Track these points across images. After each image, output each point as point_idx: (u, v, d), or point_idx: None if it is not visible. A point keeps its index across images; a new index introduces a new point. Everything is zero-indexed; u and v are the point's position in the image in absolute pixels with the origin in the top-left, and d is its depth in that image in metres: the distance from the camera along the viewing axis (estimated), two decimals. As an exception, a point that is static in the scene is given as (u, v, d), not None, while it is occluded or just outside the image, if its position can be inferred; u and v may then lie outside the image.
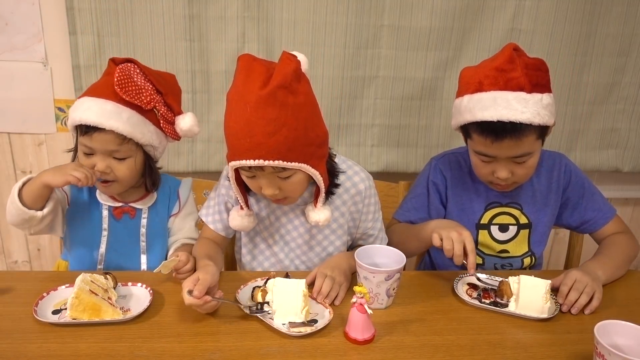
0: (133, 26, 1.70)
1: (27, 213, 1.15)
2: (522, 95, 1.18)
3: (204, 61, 1.77)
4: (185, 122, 1.25)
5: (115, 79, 1.15)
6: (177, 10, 1.69)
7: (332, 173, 1.22)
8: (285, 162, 1.06)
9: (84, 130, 1.16)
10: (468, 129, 1.28)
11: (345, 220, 1.31)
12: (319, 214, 1.20)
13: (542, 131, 1.24)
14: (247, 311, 1.05)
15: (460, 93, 1.29)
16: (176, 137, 1.28)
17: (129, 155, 1.22)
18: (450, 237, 1.16)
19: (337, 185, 1.24)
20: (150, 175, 1.30)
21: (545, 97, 1.20)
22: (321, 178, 1.15)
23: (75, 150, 1.26)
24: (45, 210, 1.18)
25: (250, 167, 1.09)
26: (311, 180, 1.19)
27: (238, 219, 1.24)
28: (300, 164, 1.08)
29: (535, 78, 1.20)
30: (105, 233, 1.29)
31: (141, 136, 1.20)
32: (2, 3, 1.68)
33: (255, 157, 1.04)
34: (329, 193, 1.23)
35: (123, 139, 1.18)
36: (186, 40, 1.73)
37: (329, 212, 1.21)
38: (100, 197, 1.29)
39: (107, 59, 1.68)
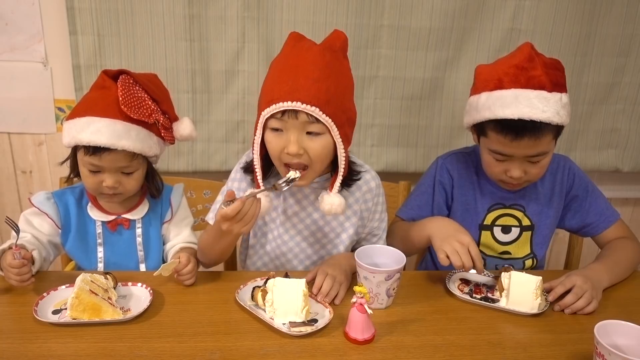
0: (133, 26, 1.70)
1: None
2: (544, 94, 1.18)
3: (204, 61, 1.77)
4: (184, 128, 1.27)
5: (120, 98, 1.15)
6: (177, 10, 1.69)
7: (350, 166, 1.22)
8: (321, 113, 1.05)
9: (92, 150, 1.15)
10: (484, 127, 1.27)
11: (357, 218, 1.30)
12: (334, 198, 1.15)
13: (558, 131, 1.24)
14: (276, 186, 1.09)
15: (476, 90, 1.28)
16: (173, 141, 1.28)
17: (137, 169, 1.23)
18: (455, 250, 1.14)
19: (353, 179, 1.24)
20: (153, 182, 1.31)
21: (564, 97, 1.20)
22: (344, 155, 1.13)
23: (71, 162, 1.24)
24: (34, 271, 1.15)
25: (283, 114, 1.07)
26: (326, 172, 1.20)
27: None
28: (332, 123, 1.08)
29: (554, 77, 1.20)
30: (100, 249, 1.29)
31: (149, 150, 1.21)
32: (2, 3, 1.68)
33: (294, 99, 1.04)
34: (344, 185, 1.21)
35: (133, 155, 1.19)
36: (186, 40, 1.73)
37: (343, 200, 1.16)
38: (92, 212, 1.28)
39: (107, 59, 1.72)
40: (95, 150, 1.15)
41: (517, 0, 1.78)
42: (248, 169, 1.22)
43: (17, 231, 1.10)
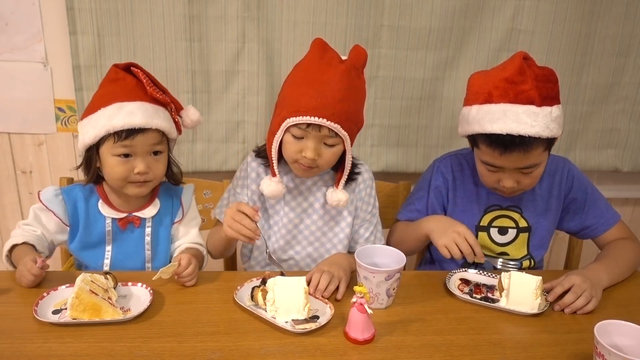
0: (133, 26, 1.70)
1: None
2: (532, 109, 1.18)
3: (204, 61, 1.77)
4: (192, 114, 1.30)
5: (145, 81, 1.20)
6: (177, 10, 1.69)
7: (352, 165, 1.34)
8: (341, 129, 1.19)
9: (125, 134, 1.16)
10: (476, 139, 1.28)
11: (353, 207, 1.39)
12: (340, 194, 1.30)
13: (549, 143, 1.24)
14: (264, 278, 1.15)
15: (468, 102, 1.29)
16: (180, 131, 1.32)
17: (164, 150, 1.26)
18: (454, 242, 1.22)
19: (355, 173, 1.36)
20: (172, 170, 1.34)
21: (555, 110, 1.20)
22: (351, 160, 1.29)
23: (85, 164, 1.25)
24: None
25: (308, 126, 1.19)
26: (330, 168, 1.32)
27: (272, 185, 1.29)
28: (347, 136, 1.22)
29: (545, 90, 1.19)
30: (109, 247, 1.29)
31: (172, 132, 1.26)
32: (2, 3, 1.68)
33: (320, 115, 1.17)
34: (348, 180, 1.34)
35: (162, 135, 1.22)
36: (186, 40, 1.73)
37: (347, 195, 1.32)
38: (103, 209, 1.28)
39: (107, 59, 1.71)
40: (127, 134, 1.17)
41: (517, 0, 1.78)
42: (260, 153, 1.37)
43: None
